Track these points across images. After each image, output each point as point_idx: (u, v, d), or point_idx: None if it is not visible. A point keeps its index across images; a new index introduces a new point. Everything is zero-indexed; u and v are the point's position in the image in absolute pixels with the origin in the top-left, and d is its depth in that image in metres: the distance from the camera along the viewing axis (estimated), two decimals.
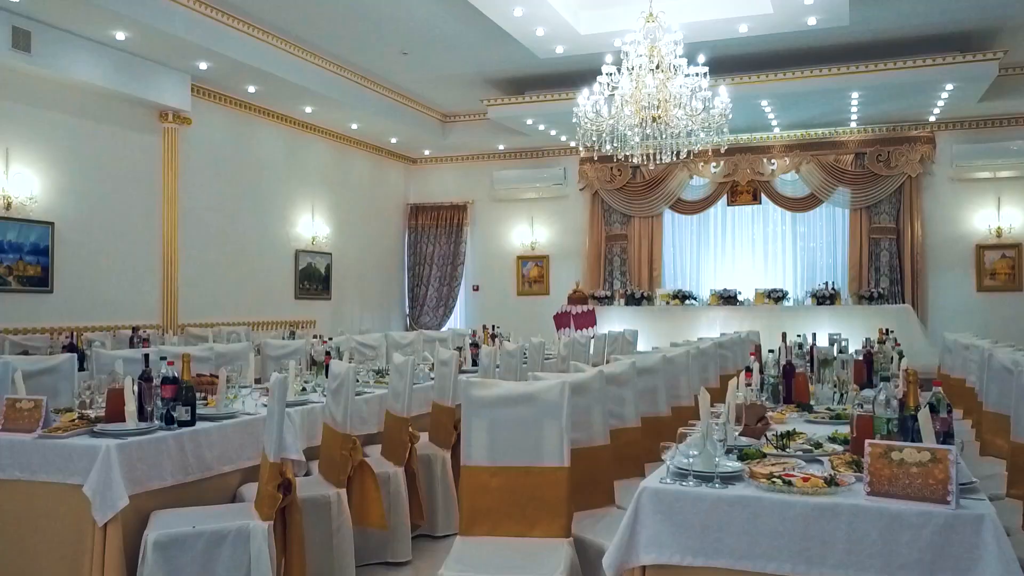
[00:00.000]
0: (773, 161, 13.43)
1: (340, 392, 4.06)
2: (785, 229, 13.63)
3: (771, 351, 4.64)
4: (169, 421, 3.74)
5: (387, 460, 4.61)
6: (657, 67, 7.29)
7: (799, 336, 6.55)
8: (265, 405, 3.90)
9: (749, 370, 4.44)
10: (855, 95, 11.01)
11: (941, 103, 11.43)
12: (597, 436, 3.59)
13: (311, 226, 12.74)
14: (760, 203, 13.65)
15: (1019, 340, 9.23)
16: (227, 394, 4.43)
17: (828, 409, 4.13)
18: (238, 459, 3.97)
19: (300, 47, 10.31)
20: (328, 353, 5.90)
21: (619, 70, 7.44)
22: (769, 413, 3.77)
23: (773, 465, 2.76)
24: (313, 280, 12.79)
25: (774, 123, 12.73)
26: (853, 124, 12.85)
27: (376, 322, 14.36)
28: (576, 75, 11.32)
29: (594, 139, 7.62)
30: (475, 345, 7.04)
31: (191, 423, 3.78)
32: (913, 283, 12.70)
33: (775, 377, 4.47)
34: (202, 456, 3.78)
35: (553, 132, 13.25)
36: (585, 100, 7.58)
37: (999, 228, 12.55)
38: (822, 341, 8.56)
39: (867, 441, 2.42)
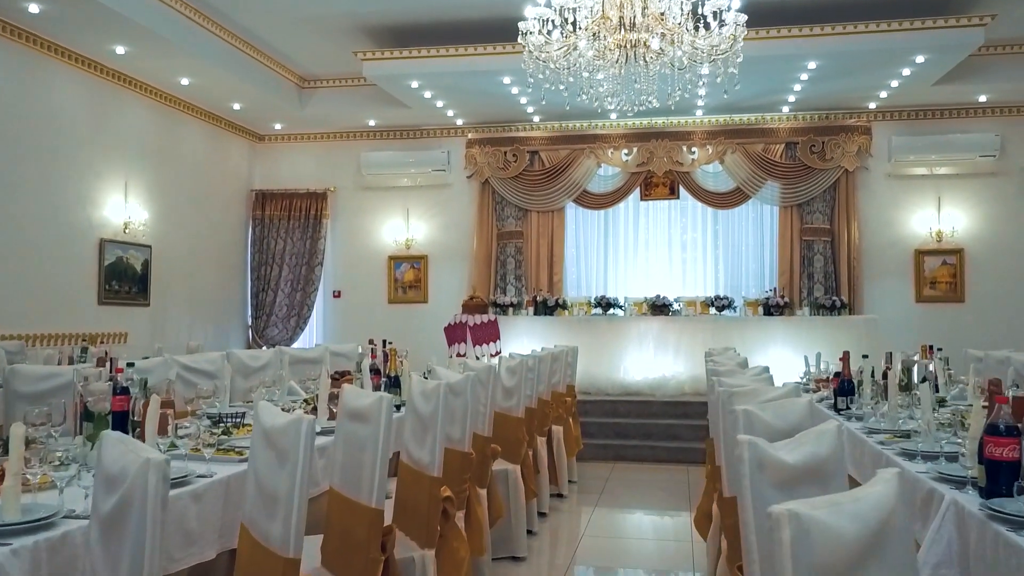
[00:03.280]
0: (694, 149, 11.55)
1: (124, 525, 1.49)
2: (706, 228, 11.76)
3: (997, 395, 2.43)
4: None
5: None
6: None
7: (865, 356, 4.42)
8: None
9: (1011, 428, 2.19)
10: (811, 65, 9.23)
11: (896, 83, 9.88)
12: None
13: (123, 209, 9.67)
14: (678, 197, 11.73)
15: (959, 355, 7.67)
16: None
17: None
18: None
19: None
20: (124, 391, 3.23)
21: None
22: None
23: None
24: (125, 280, 9.71)
25: (700, 103, 10.83)
26: (786, 109, 11.16)
27: (211, 335, 11.37)
28: (479, 25, 8.99)
29: (547, 72, 5.25)
30: (376, 372, 4.51)
31: None
32: (850, 291, 11.10)
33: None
34: None
35: (440, 103, 10.81)
36: (536, 10, 5.18)
37: (939, 232, 11.18)
38: (779, 359, 6.71)
39: None
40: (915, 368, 4.43)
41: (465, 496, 3.51)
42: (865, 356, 4.38)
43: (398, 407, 4.36)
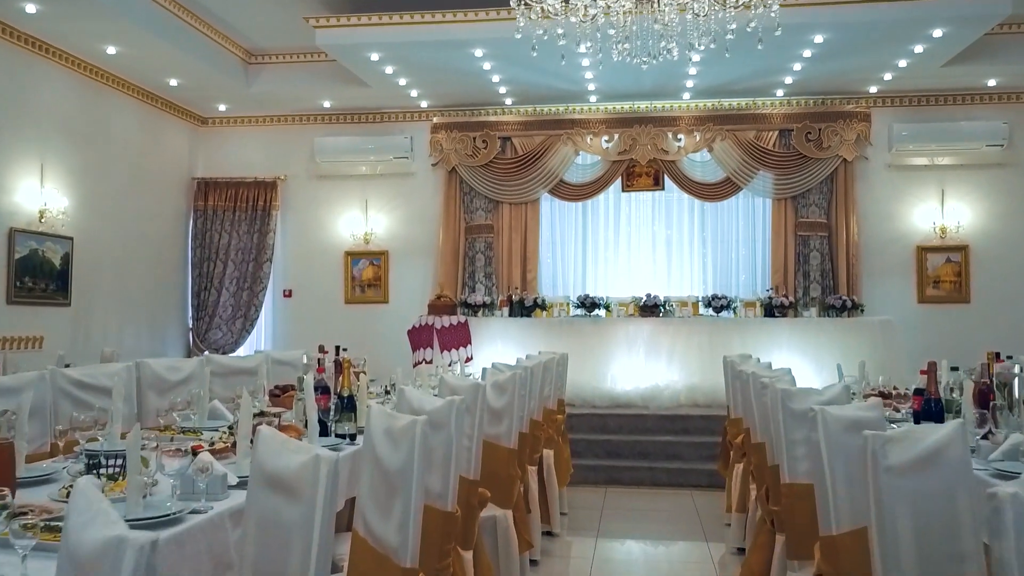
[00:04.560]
0: (680, 136, 10.59)
1: None
2: (694, 222, 10.80)
3: None
4: None
5: None
6: None
7: (955, 369, 3.44)
8: None
9: None
10: (818, 39, 8.30)
11: (904, 63, 9.02)
12: None
13: (38, 195, 8.42)
14: (663, 188, 10.75)
15: (965, 362, 6.81)
16: None
17: None
18: None
19: None
20: None
21: None
22: None
23: None
24: (41, 276, 8.46)
25: (689, 84, 9.88)
26: (780, 93, 10.26)
27: (145, 339, 10.14)
28: None
29: (539, 13, 4.20)
30: (325, 391, 3.42)
31: None
32: (848, 291, 10.22)
33: None
34: None
35: (403, 82, 9.72)
36: None
37: (943, 227, 10.34)
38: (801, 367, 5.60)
39: None
40: (1015, 382, 3.47)
41: (448, 574, 2.44)
42: (955, 368, 3.41)
43: (352, 437, 3.29)
